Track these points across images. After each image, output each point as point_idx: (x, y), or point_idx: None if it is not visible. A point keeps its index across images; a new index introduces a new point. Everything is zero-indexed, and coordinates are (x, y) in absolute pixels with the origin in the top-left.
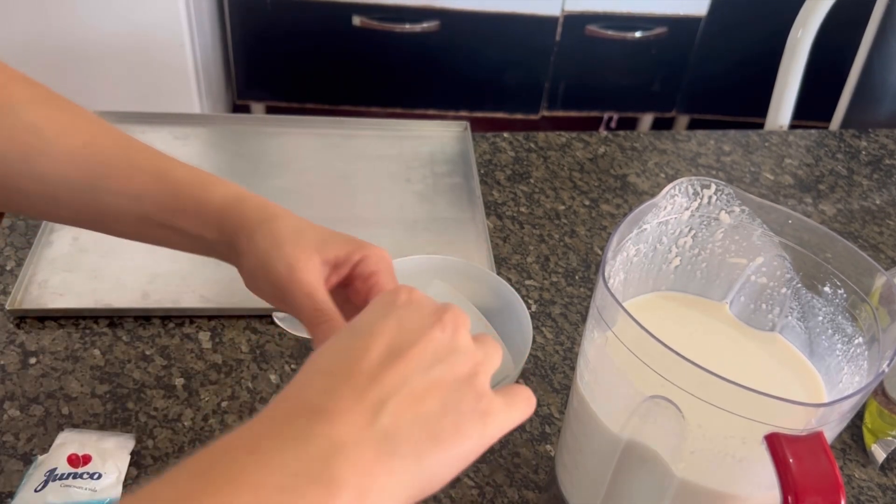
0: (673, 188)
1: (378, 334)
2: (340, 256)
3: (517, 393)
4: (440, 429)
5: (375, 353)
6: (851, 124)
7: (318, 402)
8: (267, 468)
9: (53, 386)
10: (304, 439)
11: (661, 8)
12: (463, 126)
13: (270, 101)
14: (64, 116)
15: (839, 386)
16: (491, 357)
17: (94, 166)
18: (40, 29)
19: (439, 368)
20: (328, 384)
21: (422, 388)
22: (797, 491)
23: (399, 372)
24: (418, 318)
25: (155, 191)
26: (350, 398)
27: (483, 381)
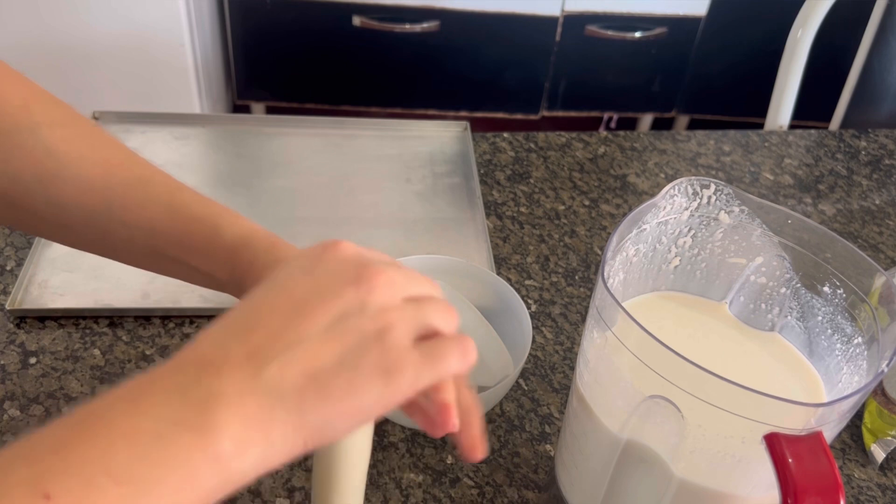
0: (672, 188)
1: (287, 289)
2: None
3: (442, 346)
4: (330, 384)
5: (280, 309)
6: (851, 124)
7: (209, 354)
8: (145, 416)
9: (53, 386)
10: (187, 389)
11: (661, 8)
12: (463, 126)
13: (270, 101)
14: (83, 142)
15: (838, 386)
16: (423, 315)
17: (108, 195)
18: (40, 29)
19: (342, 325)
20: (225, 337)
21: (318, 344)
22: (796, 491)
23: (298, 328)
24: (336, 275)
25: (167, 225)
26: (241, 352)
27: (397, 336)
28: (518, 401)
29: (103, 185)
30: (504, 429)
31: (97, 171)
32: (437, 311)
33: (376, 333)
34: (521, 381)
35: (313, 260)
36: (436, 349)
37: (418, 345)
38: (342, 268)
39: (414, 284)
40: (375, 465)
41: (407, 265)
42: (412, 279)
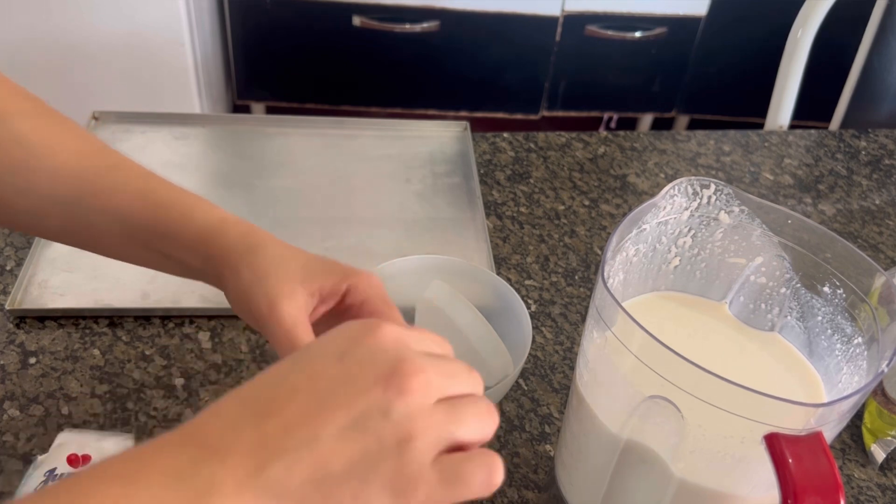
0: (672, 188)
1: (313, 374)
2: (326, 287)
3: (466, 469)
4: (336, 493)
5: (301, 396)
6: (851, 124)
7: (217, 436)
8: (135, 502)
9: (53, 386)
10: (185, 475)
11: (661, 8)
12: (463, 126)
13: (270, 101)
14: (54, 131)
15: (838, 386)
16: (454, 426)
17: (80, 183)
18: (40, 28)
19: (362, 428)
20: (238, 417)
21: (332, 446)
22: (796, 491)
23: (314, 423)
24: (369, 368)
25: (139, 211)
26: (249, 441)
27: (418, 450)
28: (518, 401)
29: (74, 174)
30: (504, 429)
31: (68, 159)
32: (471, 420)
33: (396, 444)
34: (520, 381)
35: (349, 344)
36: (458, 470)
37: (440, 461)
38: (377, 359)
39: (454, 383)
40: None
41: (407, 265)
42: (453, 377)
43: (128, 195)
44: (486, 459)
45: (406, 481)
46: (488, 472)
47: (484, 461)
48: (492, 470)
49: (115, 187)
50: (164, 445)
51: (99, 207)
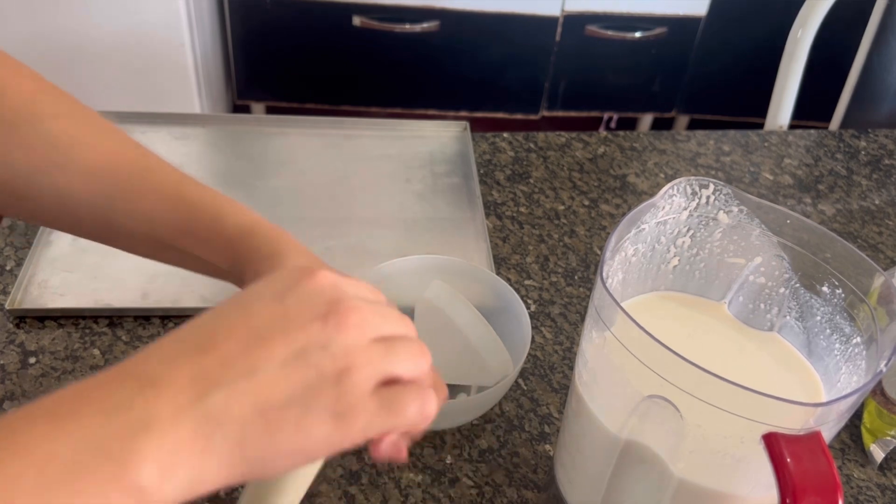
0: (671, 188)
1: (251, 313)
2: None
3: (402, 397)
4: (278, 419)
5: (239, 333)
6: (851, 124)
7: (154, 370)
8: (66, 439)
9: (53, 386)
10: (119, 410)
11: (661, 8)
12: (463, 126)
13: (270, 101)
14: (87, 131)
15: (837, 386)
16: (389, 360)
17: (110, 185)
18: (40, 28)
19: (301, 361)
20: (175, 354)
21: (272, 377)
22: (795, 491)
23: (253, 356)
24: (306, 307)
25: (169, 214)
26: (188, 373)
27: (357, 381)
28: (517, 401)
29: (107, 175)
30: (503, 429)
31: (100, 160)
32: (406, 356)
33: (335, 374)
34: (520, 381)
35: (287, 285)
36: (395, 399)
37: (377, 391)
38: (314, 300)
39: (388, 324)
40: (375, 465)
41: (407, 265)
42: (387, 318)
43: (159, 198)
44: (421, 392)
45: (346, 408)
46: (422, 402)
47: (418, 393)
48: (425, 400)
49: (148, 190)
50: (101, 382)
51: (130, 209)
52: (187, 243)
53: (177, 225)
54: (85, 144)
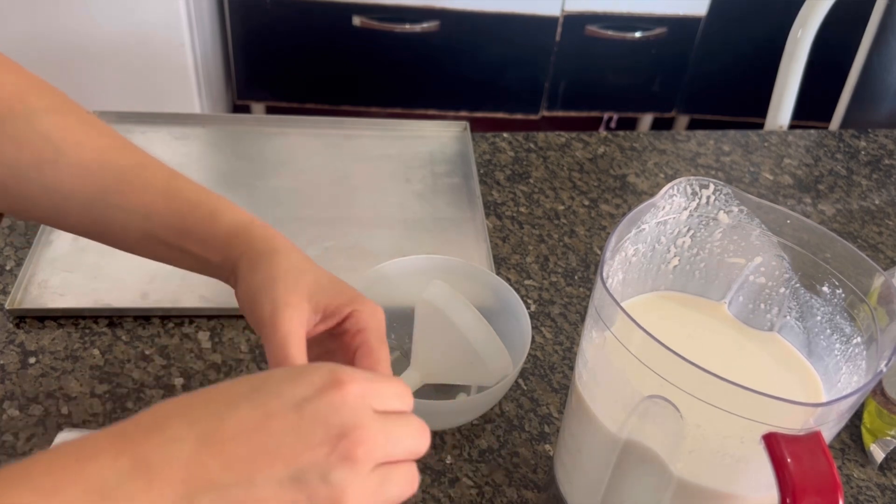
0: (671, 188)
1: (269, 418)
2: (331, 307)
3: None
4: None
5: (249, 434)
6: (851, 124)
7: (152, 454)
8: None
9: (53, 386)
10: (109, 494)
11: (661, 8)
12: (462, 126)
13: (270, 101)
14: (79, 128)
15: (837, 386)
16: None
17: (104, 181)
18: (40, 28)
19: (298, 485)
20: (179, 435)
21: (265, 493)
22: (795, 491)
23: (255, 468)
24: (320, 425)
25: (163, 210)
26: (185, 467)
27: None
28: (517, 401)
29: (100, 171)
30: (503, 428)
31: (93, 156)
32: (398, 485)
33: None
34: (520, 381)
35: (310, 393)
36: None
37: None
38: (331, 419)
39: (398, 450)
40: None
41: (407, 265)
42: (399, 444)
43: (152, 193)
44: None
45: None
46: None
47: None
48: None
49: (140, 185)
50: (98, 450)
51: (122, 204)
52: (181, 239)
53: (171, 220)
54: (76, 140)
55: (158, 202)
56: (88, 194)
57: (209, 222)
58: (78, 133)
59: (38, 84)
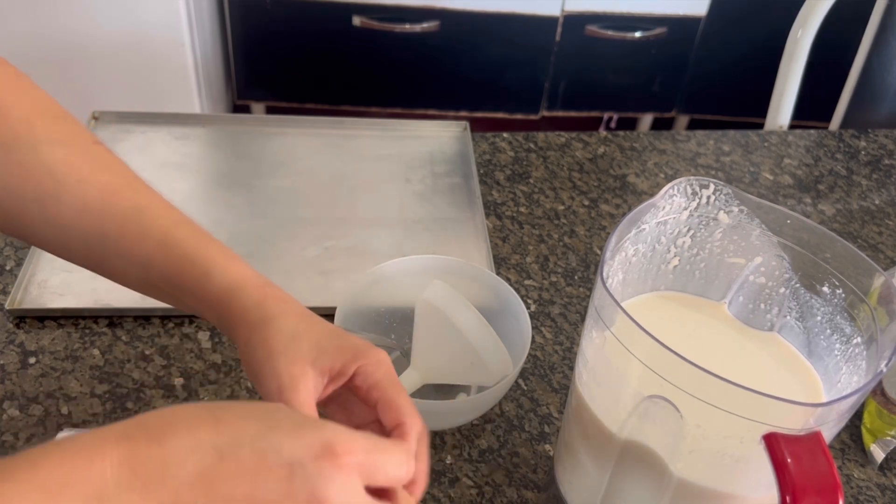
0: (671, 188)
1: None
2: (336, 368)
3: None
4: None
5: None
6: (851, 124)
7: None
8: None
9: (53, 386)
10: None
11: (660, 8)
12: (462, 126)
13: (270, 101)
14: (84, 162)
15: (837, 386)
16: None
17: (104, 223)
18: (40, 28)
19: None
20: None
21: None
22: (795, 491)
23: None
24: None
25: (161, 262)
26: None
27: None
28: (517, 401)
29: (100, 213)
30: (503, 428)
31: (95, 196)
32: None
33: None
34: (520, 381)
35: (307, 457)
36: None
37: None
38: (317, 489)
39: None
40: None
41: (407, 265)
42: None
43: (150, 245)
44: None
45: None
46: None
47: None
48: None
49: (139, 234)
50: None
51: (122, 252)
52: (178, 292)
53: (167, 273)
54: (80, 177)
55: (156, 254)
56: (88, 235)
57: (203, 282)
58: (83, 168)
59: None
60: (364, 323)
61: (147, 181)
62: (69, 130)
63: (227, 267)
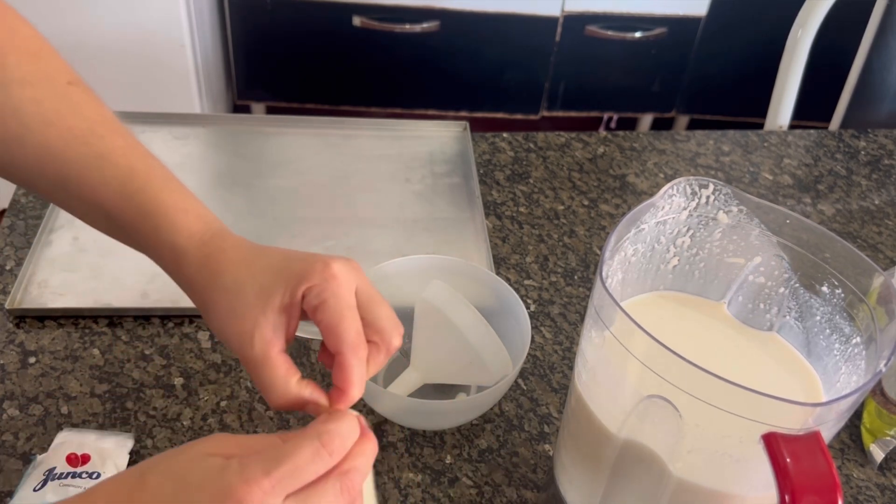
0: (671, 188)
1: None
2: (285, 301)
3: None
4: None
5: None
6: (851, 124)
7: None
8: None
9: (53, 385)
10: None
11: (660, 8)
12: (462, 126)
13: (270, 101)
14: (51, 105)
15: (837, 385)
16: None
17: (65, 170)
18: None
19: None
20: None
21: None
22: (794, 490)
23: None
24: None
25: (119, 211)
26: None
27: None
28: (517, 400)
29: (62, 159)
30: (503, 428)
31: (58, 141)
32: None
33: None
34: (519, 381)
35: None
36: None
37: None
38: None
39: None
40: (375, 465)
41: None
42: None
43: (110, 192)
44: None
45: None
46: None
47: None
48: None
49: (99, 182)
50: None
51: (83, 197)
52: (136, 243)
53: (125, 226)
54: (46, 120)
55: (114, 202)
56: (51, 179)
57: (155, 239)
58: (49, 111)
59: (23, 42)
60: None
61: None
62: (43, 69)
63: (176, 223)
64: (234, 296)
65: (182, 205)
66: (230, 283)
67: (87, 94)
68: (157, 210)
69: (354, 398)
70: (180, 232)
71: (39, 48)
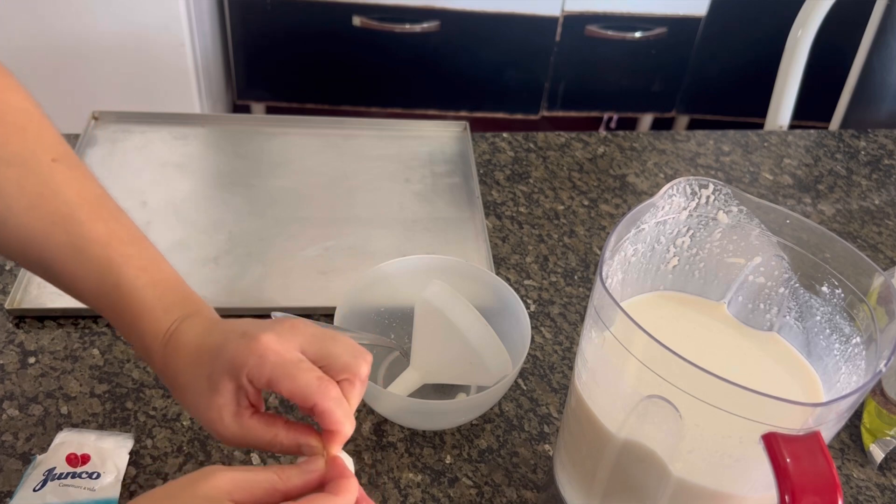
0: (671, 188)
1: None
2: (235, 388)
3: None
4: None
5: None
6: (851, 124)
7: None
8: None
9: (52, 385)
10: None
11: (660, 8)
12: (462, 126)
13: (270, 101)
14: (34, 189)
15: (837, 385)
16: None
17: (46, 257)
18: (40, 29)
19: None
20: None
21: None
22: (794, 490)
23: None
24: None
25: (100, 300)
26: None
27: None
28: (517, 400)
29: (43, 245)
30: (503, 428)
31: (39, 227)
32: None
33: None
34: (519, 381)
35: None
36: None
37: None
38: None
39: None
40: (374, 465)
41: (407, 265)
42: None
43: (89, 283)
44: None
45: None
46: None
47: None
48: None
49: (77, 272)
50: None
51: (64, 284)
52: (115, 326)
53: (104, 312)
54: (29, 204)
55: (94, 293)
56: (34, 262)
57: (127, 333)
58: (31, 195)
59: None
60: (364, 323)
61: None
62: (29, 146)
63: (143, 325)
64: (191, 393)
65: (151, 302)
66: (185, 383)
67: (72, 170)
68: (130, 309)
69: (347, 434)
70: (146, 333)
71: (27, 121)
